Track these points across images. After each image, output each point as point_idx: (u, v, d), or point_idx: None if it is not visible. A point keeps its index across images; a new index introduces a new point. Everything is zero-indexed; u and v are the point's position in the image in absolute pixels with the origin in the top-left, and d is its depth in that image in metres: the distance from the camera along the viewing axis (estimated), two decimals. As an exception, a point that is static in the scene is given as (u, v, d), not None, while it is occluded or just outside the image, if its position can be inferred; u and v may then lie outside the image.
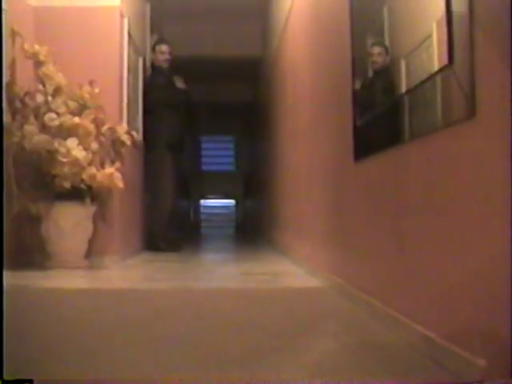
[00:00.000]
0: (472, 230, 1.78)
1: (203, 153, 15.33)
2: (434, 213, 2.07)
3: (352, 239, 3.32)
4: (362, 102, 3.07)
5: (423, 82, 2.16)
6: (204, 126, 14.07)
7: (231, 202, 14.76)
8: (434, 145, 2.08)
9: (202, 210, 14.92)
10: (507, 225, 1.54)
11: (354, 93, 3.15)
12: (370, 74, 3.00)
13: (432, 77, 2.07)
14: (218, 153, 15.25)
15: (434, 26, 2.13)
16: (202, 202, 14.87)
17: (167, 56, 7.20)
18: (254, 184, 12.24)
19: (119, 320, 2.83)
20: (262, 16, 8.37)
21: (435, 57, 2.13)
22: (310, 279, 4.32)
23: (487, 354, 1.67)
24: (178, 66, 9.70)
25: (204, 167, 15.12)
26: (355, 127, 3.11)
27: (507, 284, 1.55)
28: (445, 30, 1.92)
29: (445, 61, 1.92)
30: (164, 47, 7.26)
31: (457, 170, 1.88)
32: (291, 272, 4.91)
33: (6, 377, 1.65)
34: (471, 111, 1.74)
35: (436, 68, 2.07)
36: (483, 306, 1.72)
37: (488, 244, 1.68)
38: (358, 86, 3.13)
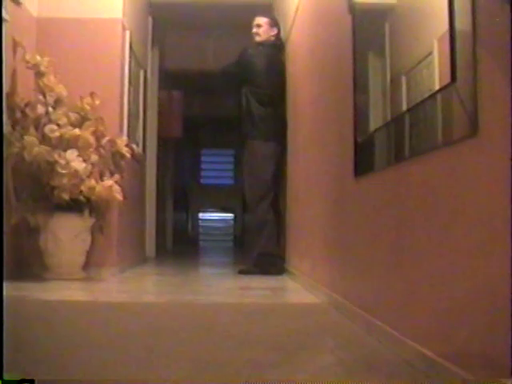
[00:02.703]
0: (473, 249, 1.77)
1: (203, 166, 15.34)
2: (435, 231, 2.06)
3: (351, 256, 3.31)
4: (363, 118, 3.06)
5: (425, 100, 2.16)
6: (204, 139, 14.09)
7: (230, 215, 14.73)
8: (435, 162, 2.07)
9: (200, 223, 14.90)
10: (508, 243, 1.53)
11: (356, 109, 3.15)
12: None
13: (434, 95, 2.06)
14: (217, 166, 15.26)
15: (435, 42, 2.13)
16: (201, 215, 14.85)
17: None
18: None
19: (116, 333, 2.81)
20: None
21: (436, 74, 2.13)
22: (308, 295, 4.31)
23: (485, 373, 1.65)
24: (180, 79, 9.75)
25: (203, 180, 15.12)
26: (356, 143, 3.10)
27: (507, 303, 1.53)
28: (446, 46, 1.92)
29: (447, 79, 1.91)
30: None
31: (458, 187, 1.87)
32: (289, 287, 4.90)
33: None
34: (474, 129, 1.73)
35: (437, 85, 2.06)
36: (482, 325, 1.71)
37: (488, 262, 1.67)
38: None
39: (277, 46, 6.27)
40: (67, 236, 4.90)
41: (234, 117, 6.24)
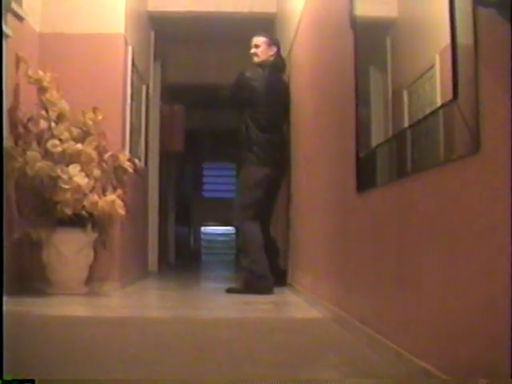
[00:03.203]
0: (475, 266, 1.76)
1: (205, 179, 15.35)
2: (437, 247, 2.06)
3: (354, 271, 3.30)
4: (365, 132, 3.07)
5: (427, 116, 2.16)
6: (206, 152, 14.08)
7: (232, 229, 14.72)
8: (437, 179, 2.07)
9: (202, 236, 14.89)
10: (509, 262, 1.53)
11: (357, 123, 3.15)
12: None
13: (436, 111, 2.06)
14: (219, 180, 15.25)
15: (437, 56, 2.14)
16: (203, 228, 14.84)
17: None
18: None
19: (119, 348, 2.81)
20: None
21: (438, 88, 2.14)
22: (310, 310, 4.30)
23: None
24: (181, 92, 9.76)
25: (205, 194, 15.13)
26: (358, 158, 3.10)
27: (508, 321, 1.53)
28: (448, 60, 1.92)
29: (449, 95, 1.91)
30: None
31: (460, 204, 1.87)
32: (292, 302, 4.89)
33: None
34: (475, 146, 1.73)
35: (439, 100, 2.06)
36: (484, 342, 1.70)
37: (490, 280, 1.67)
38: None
39: (277, 66, 6.03)
40: (70, 251, 4.90)
41: (235, 130, 6.07)
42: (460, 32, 1.86)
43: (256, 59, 5.96)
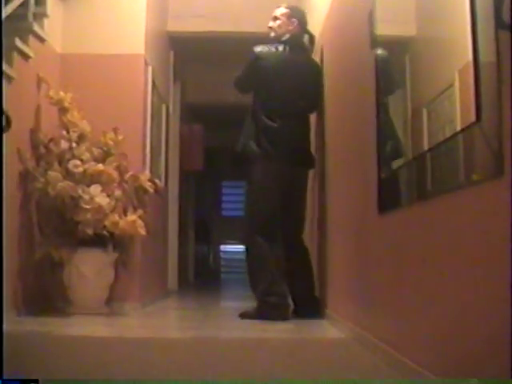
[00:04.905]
0: (497, 290, 1.75)
1: (224, 198, 15.37)
2: (459, 270, 2.05)
3: (375, 291, 3.29)
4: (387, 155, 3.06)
5: (448, 139, 2.15)
6: (225, 171, 14.10)
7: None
8: (460, 202, 2.06)
9: (221, 255, 14.89)
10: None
11: (379, 143, 3.14)
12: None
13: (458, 133, 2.05)
14: (238, 198, 15.26)
15: (456, 74, 2.13)
16: (222, 247, 14.85)
17: None
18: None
19: (138, 370, 2.80)
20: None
21: (458, 106, 2.13)
22: (331, 329, 4.29)
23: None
24: (200, 112, 9.80)
25: (224, 212, 15.14)
26: (380, 179, 3.08)
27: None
28: (467, 78, 1.91)
29: (470, 112, 1.90)
30: None
31: (483, 228, 1.86)
32: (313, 321, 4.87)
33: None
34: (499, 170, 1.72)
35: (459, 118, 2.06)
36: (504, 364, 1.69)
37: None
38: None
39: (296, 42, 5.12)
40: (91, 271, 4.92)
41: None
42: (482, 53, 1.85)
43: (272, 34, 5.17)
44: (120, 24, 5.71)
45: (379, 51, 3.21)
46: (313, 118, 5.46)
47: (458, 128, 2.05)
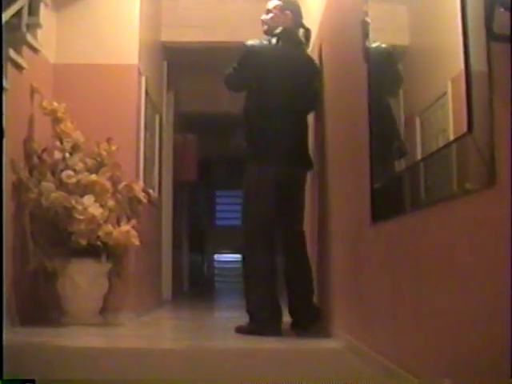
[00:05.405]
0: (489, 299, 1.76)
1: (218, 207, 15.36)
2: (453, 279, 2.05)
3: (370, 301, 3.29)
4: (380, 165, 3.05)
5: (440, 149, 2.15)
6: (219, 180, 14.11)
7: (245, 257, 14.68)
8: (452, 212, 2.06)
9: (216, 264, 14.88)
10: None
11: (371, 153, 3.14)
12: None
13: (450, 144, 2.05)
14: (232, 207, 15.26)
15: (449, 83, 2.14)
16: (216, 256, 14.84)
17: None
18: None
19: (132, 381, 2.80)
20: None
21: (450, 115, 2.14)
22: (326, 340, 4.28)
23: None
24: (194, 121, 9.80)
25: (218, 222, 15.13)
26: (373, 189, 3.08)
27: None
28: (460, 87, 1.92)
29: (462, 122, 1.91)
30: None
31: (475, 238, 1.86)
32: (308, 332, 4.85)
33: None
34: (491, 180, 1.72)
35: (452, 127, 2.07)
36: (502, 373, 1.69)
37: (505, 315, 1.66)
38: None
39: (290, 36, 4.87)
40: (84, 281, 4.91)
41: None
42: (473, 63, 1.86)
43: (265, 27, 4.93)
44: (113, 34, 5.71)
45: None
46: (313, 118, 5.43)
47: (451, 137, 2.06)
